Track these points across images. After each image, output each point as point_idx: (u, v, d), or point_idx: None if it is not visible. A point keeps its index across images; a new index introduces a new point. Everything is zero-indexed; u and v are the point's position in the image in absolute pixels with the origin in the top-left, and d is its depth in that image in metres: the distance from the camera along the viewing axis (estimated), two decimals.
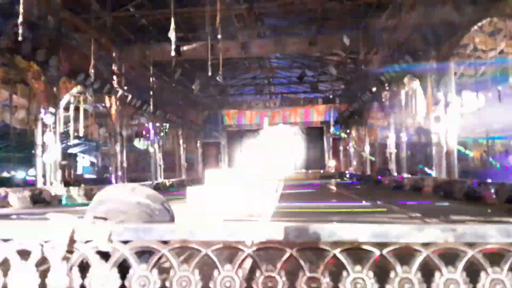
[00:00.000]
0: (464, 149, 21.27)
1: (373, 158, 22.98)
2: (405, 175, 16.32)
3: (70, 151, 24.76)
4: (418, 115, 15.84)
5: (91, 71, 14.39)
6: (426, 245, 1.46)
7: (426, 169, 16.22)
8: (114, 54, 17.56)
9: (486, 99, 14.56)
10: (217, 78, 22.18)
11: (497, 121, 21.18)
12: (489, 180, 10.14)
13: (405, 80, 15.40)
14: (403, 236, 1.44)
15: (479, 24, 10.25)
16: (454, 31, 10.90)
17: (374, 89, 17.95)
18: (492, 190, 9.29)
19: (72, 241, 1.44)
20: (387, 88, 17.35)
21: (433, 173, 13.36)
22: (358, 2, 14.70)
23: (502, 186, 8.99)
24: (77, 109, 17.58)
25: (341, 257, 1.48)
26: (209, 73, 14.01)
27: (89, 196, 12.11)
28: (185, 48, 17.53)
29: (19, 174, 20.43)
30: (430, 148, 13.55)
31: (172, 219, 2.09)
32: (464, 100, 13.85)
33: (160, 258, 1.53)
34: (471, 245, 1.49)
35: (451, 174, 12.12)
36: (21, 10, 9.64)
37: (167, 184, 20.59)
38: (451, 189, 11.23)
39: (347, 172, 27.40)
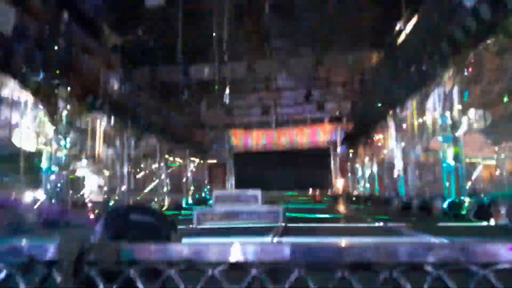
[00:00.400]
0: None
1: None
2: (413, 195, 16.13)
3: (77, 173, 24.88)
4: (425, 135, 15.76)
5: (101, 93, 14.63)
6: (436, 264, 1.43)
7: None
8: (123, 76, 17.85)
9: (493, 118, 14.49)
10: (224, 99, 22.46)
11: (505, 140, 21.02)
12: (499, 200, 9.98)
13: (413, 99, 15.42)
14: (412, 255, 1.42)
15: (486, 42, 10.31)
16: (460, 49, 10.96)
17: (381, 109, 17.98)
18: (503, 210, 9.13)
19: (79, 261, 1.44)
20: (394, 108, 17.36)
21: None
22: (363, 21, 14.87)
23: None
24: (85, 130, 17.78)
25: (350, 277, 1.46)
26: (216, 94, 14.19)
27: (96, 217, 12.10)
28: (192, 69, 17.80)
29: (27, 197, 20.49)
30: (438, 169, 13.43)
31: (179, 240, 2.08)
32: (472, 119, 13.80)
33: (167, 279, 1.52)
34: (482, 264, 1.46)
35: (459, 195, 11.96)
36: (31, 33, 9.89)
37: (173, 205, 20.54)
38: (460, 209, 11.07)
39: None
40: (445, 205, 12.23)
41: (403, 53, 15.15)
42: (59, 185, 12.72)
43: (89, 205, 15.58)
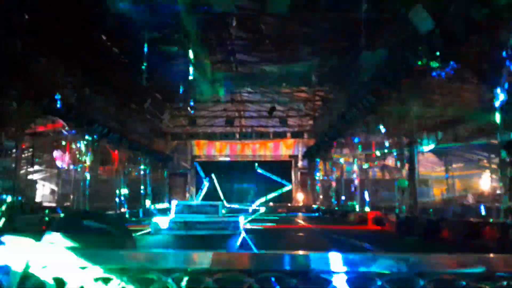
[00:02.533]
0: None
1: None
2: (368, 209, 16.64)
3: (30, 177, 23.70)
4: (382, 153, 16.39)
5: (56, 96, 14.11)
6: (380, 274, 1.52)
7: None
8: (81, 80, 17.31)
9: (445, 138, 15.32)
10: (188, 108, 22.28)
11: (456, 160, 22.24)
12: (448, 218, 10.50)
13: (369, 119, 16.01)
14: (358, 265, 1.50)
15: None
16: (413, 73, 11.55)
17: (339, 126, 18.54)
18: (451, 227, 9.62)
19: (28, 266, 1.41)
20: (352, 126, 17.95)
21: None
22: (327, 46, 15.41)
23: (459, 224, 9.33)
24: (39, 134, 17.07)
25: (300, 286, 1.52)
26: (180, 104, 14.11)
27: (47, 224, 11.55)
28: (156, 77, 17.57)
29: None
30: (393, 185, 13.97)
31: (134, 247, 2.06)
32: (425, 140, 14.51)
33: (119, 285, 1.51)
34: (423, 274, 1.56)
35: (412, 211, 12.46)
36: None
37: (131, 213, 19.97)
38: (412, 225, 11.53)
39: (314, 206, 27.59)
40: (397, 220, 12.70)
41: (361, 76, 15.75)
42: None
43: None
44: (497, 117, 8.25)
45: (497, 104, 8.21)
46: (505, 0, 7.47)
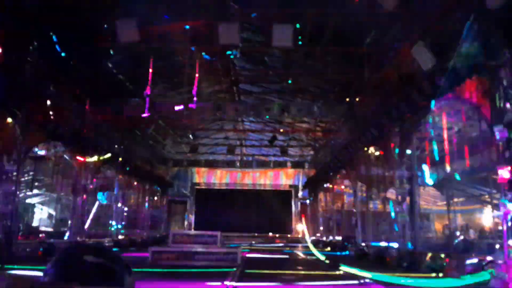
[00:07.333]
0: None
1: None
2: (370, 243, 16.39)
3: (28, 201, 23.58)
4: (383, 185, 16.32)
5: (62, 121, 14.23)
6: None
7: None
8: (87, 107, 17.48)
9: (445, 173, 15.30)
10: (190, 136, 22.39)
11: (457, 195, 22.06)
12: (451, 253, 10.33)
13: (370, 151, 16.05)
14: None
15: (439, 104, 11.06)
16: (416, 109, 11.68)
17: (341, 158, 18.55)
18: (454, 263, 9.45)
19: None
20: (353, 157, 17.96)
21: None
22: (329, 77, 15.65)
23: (462, 259, 9.18)
24: (40, 158, 17.10)
25: None
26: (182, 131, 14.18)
27: (44, 251, 11.41)
28: (160, 104, 17.74)
29: None
30: (395, 218, 13.81)
31: (132, 283, 2.04)
32: (425, 173, 14.49)
33: None
34: None
35: (413, 245, 12.27)
36: None
37: (128, 242, 19.70)
38: (414, 260, 11.34)
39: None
40: (399, 255, 12.50)
41: (363, 110, 15.94)
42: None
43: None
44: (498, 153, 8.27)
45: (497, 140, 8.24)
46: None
